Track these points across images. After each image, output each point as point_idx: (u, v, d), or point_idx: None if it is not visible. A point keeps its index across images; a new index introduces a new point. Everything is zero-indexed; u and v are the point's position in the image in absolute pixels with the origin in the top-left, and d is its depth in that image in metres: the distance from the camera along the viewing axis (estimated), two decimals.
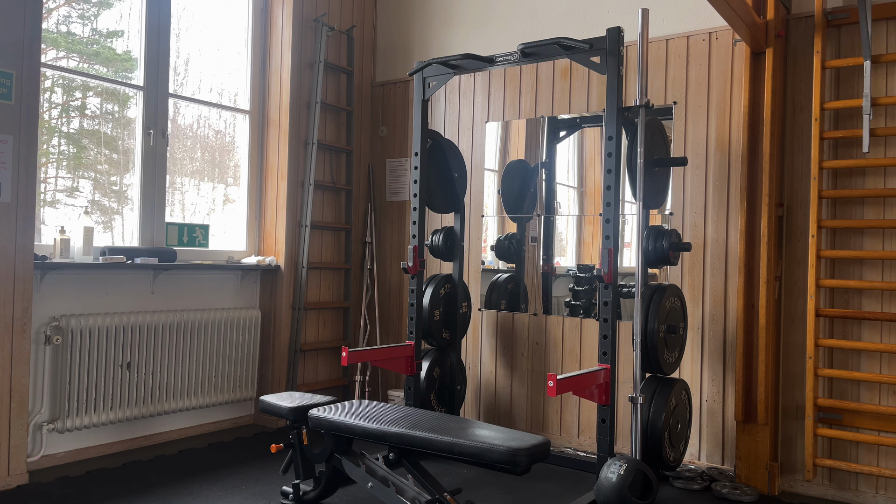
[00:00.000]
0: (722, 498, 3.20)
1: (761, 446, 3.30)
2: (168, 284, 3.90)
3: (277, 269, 4.34)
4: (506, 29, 4.33)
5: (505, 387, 4.23)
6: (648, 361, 3.17)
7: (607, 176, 3.08)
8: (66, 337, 3.38)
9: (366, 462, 2.78)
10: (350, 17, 4.80)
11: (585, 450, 3.88)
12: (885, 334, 3.16)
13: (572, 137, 4.12)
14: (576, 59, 3.21)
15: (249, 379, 4.25)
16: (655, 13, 3.70)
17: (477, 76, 4.40)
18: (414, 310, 3.75)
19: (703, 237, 3.60)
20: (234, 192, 4.46)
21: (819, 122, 3.24)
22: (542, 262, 4.13)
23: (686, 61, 3.67)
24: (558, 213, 4.09)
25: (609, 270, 3.02)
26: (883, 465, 3.14)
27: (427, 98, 3.76)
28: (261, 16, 4.49)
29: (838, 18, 3.26)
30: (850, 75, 3.28)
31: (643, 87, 3.09)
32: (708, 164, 3.61)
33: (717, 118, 3.58)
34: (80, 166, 3.77)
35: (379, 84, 4.93)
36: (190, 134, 4.23)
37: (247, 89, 4.45)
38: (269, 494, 3.11)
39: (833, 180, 3.31)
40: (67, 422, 3.39)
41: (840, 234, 3.29)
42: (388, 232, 4.83)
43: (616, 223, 3.07)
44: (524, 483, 3.36)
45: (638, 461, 2.85)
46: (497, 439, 2.42)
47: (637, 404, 3.05)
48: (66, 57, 3.66)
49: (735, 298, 3.48)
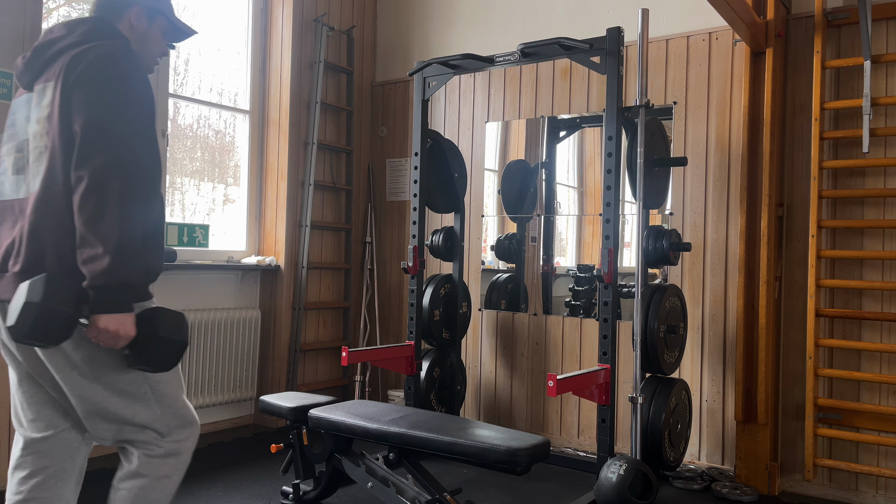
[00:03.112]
0: (722, 498, 3.20)
1: (761, 446, 3.30)
2: (168, 284, 3.90)
3: (277, 269, 4.34)
4: (506, 29, 4.33)
5: (505, 387, 4.23)
6: (648, 361, 3.17)
7: (607, 176, 3.08)
8: None
9: (366, 462, 2.78)
10: (350, 17, 4.80)
11: (585, 450, 3.88)
12: (885, 334, 3.16)
13: (572, 137, 4.12)
14: (576, 59, 3.21)
15: (249, 379, 4.25)
16: (655, 13, 3.70)
17: (477, 76, 4.40)
18: (414, 310, 3.75)
19: (703, 237, 3.60)
20: (234, 192, 4.46)
21: (819, 122, 3.24)
22: (542, 262, 4.14)
23: (686, 61, 3.67)
24: (558, 213, 4.10)
25: (609, 270, 3.02)
26: (883, 465, 3.14)
27: (427, 98, 3.76)
28: (261, 16, 4.49)
29: (838, 18, 3.26)
30: (850, 75, 3.28)
31: (643, 87, 3.09)
32: (708, 164, 3.61)
33: (717, 118, 3.58)
34: None
35: (379, 84, 4.93)
36: (190, 134, 4.23)
37: (247, 89, 4.45)
38: (269, 494, 3.11)
39: (833, 180, 3.31)
40: None
41: (840, 234, 3.29)
42: (388, 232, 4.83)
43: (616, 223, 3.07)
44: (524, 483, 3.36)
45: (638, 461, 2.85)
46: (497, 439, 2.42)
47: (637, 404, 3.05)
48: None
49: (735, 298, 3.48)
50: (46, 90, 1.69)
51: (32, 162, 1.70)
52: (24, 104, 1.76)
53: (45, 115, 1.68)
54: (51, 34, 1.77)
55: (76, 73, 1.63)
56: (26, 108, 1.75)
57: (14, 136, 1.78)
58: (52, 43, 1.74)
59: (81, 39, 1.72)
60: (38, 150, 1.68)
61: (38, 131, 1.69)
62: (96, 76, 1.63)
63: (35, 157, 1.68)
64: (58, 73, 1.67)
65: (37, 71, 1.75)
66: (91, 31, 1.75)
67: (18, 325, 1.52)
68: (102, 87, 1.63)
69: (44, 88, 1.70)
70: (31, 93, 1.76)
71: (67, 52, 1.70)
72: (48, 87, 1.69)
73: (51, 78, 1.69)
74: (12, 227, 1.71)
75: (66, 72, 1.64)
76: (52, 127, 1.65)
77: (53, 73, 1.69)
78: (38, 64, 1.75)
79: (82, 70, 1.63)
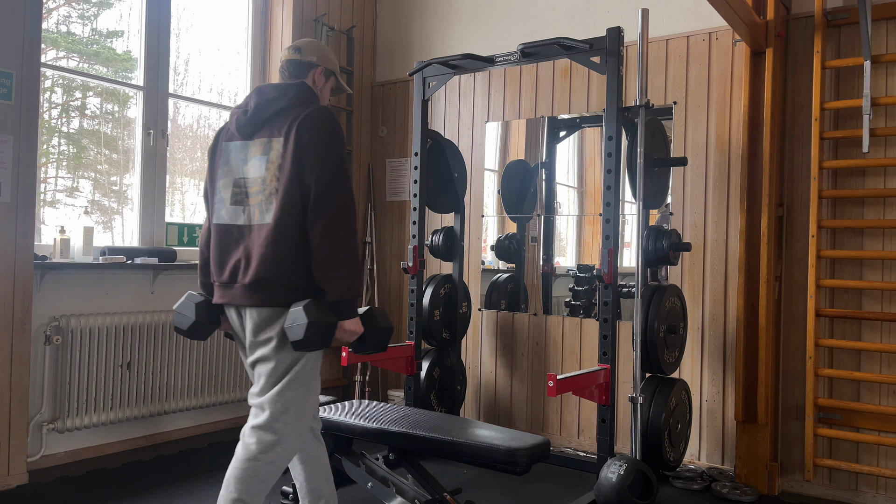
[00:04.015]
0: (722, 498, 3.20)
1: (761, 446, 3.30)
2: (168, 284, 3.90)
3: None
4: (506, 29, 4.33)
5: (505, 387, 4.23)
6: (648, 361, 3.17)
7: (607, 176, 3.08)
8: (67, 337, 3.38)
9: (366, 462, 2.78)
10: (350, 17, 4.80)
11: (585, 450, 3.88)
12: (885, 334, 3.16)
13: (572, 137, 4.12)
14: (576, 59, 3.21)
15: (249, 379, 4.25)
16: (655, 13, 3.70)
17: (477, 76, 4.40)
18: (414, 310, 3.75)
19: (703, 237, 3.60)
20: None
21: (819, 122, 3.24)
22: (542, 262, 4.14)
23: (686, 61, 3.67)
24: (558, 213, 4.10)
25: (609, 270, 3.02)
26: (883, 465, 3.14)
27: (427, 98, 3.76)
28: (261, 16, 4.49)
29: (838, 18, 3.26)
30: (850, 75, 3.28)
31: (643, 87, 3.09)
32: (708, 164, 3.61)
33: (717, 118, 3.58)
34: (80, 166, 3.77)
35: (379, 84, 4.93)
36: (190, 134, 4.23)
37: (247, 89, 4.45)
38: (269, 494, 3.11)
39: (833, 180, 3.31)
40: (67, 422, 3.39)
41: (840, 234, 3.29)
42: (388, 232, 4.83)
43: (616, 223, 3.07)
44: (524, 483, 3.36)
45: (638, 461, 2.85)
46: (497, 439, 2.42)
47: (637, 404, 3.05)
48: (66, 57, 3.66)
49: (735, 298, 3.48)
50: (273, 144, 2.17)
51: (259, 198, 2.17)
52: (241, 149, 2.24)
53: (275, 165, 2.15)
54: (264, 95, 2.23)
55: (305, 139, 2.11)
56: (243, 153, 2.23)
57: (230, 173, 2.25)
58: (269, 103, 2.21)
59: (294, 103, 2.22)
60: (268, 191, 2.15)
61: (266, 177, 2.16)
62: (321, 140, 2.12)
63: (264, 196, 2.16)
64: (283, 132, 2.15)
65: (258, 126, 2.22)
66: (298, 95, 2.24)
67: (306, 340, 2.02)
68: (327, 149, 2.12)
69: (269, 142, 2.18)
70: (247, 141, 2.23)
71: (287, 114, 2.18)
72: (274, 142, 2.17)
73: (275, 135, 2.17)
74: (236, 249, 2.20)
75: (296, 135, 2.12)
76: (284, 175, 2.12)
77: (279, 131, 2.16)
78: (259, 121, 2.21)
79: (309, 138, 2.11)
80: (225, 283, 2.21)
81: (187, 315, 2.31)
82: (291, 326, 2.04)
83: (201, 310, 2.30)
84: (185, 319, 2.31)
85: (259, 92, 2.25)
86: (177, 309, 2.33)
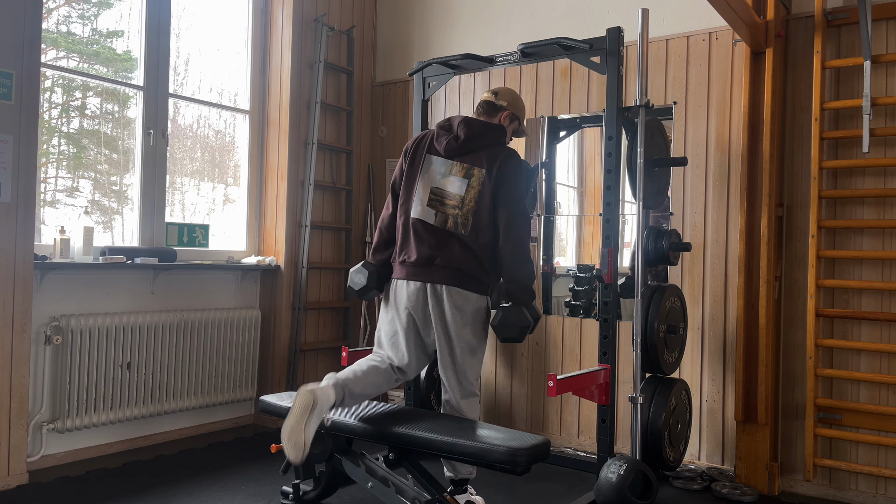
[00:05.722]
0: (722, 498, 3.20)
1: (761, 446, 3.30)
2: (168, 284, 3.90)
3: (277, 269, 4.34)
4: (506, 29, 4.33)
5: (505, 387, 4.23)
6: (648, 361, 3.17)
7: (607, 176, 3.08)
8: (66, 337, 3.38)
9: (366, 462, 2.78)
10: (350, 17, 4.80)
11: (585, 450, 3.88)
12: (884, 334, 3.16)
13: (572, 137, 4.12)
14: (576, 59, 3.21)
15: (249, 379, 4.25)
16: (655, 13, 3.70)
17: (477, 76, 4.40)
18: None
19: (703, 237, 3.60)
20: (234, 192, 4.46)
21: (819, 122, 3.24)
22: (542, 261, 4.13)
23: (686, 61, 3.67)
24: (558, 213, 4.09)
25: (609, 270, 3.02)
26: (883, 465, 3.14)
27: (427, 98, 3.76)
28: (261, 16, 4.49)
29: (838, 18, 3.26)
30: (850, 75, 3.28)
31: (643, 87, 3.09)
32: (708, 164, 3.61)
33: (717, 118, 3.58)
34: (80, 166, 3.77)
35: (379, 84, 4.93)
36: (190, 134, 4.23)
37: (247, 89, 4.45)
38: (269, 494, 3.11)
39: (833, 180, 3.31)
40: (67, 422, 3.39)
41: (840, 234, 3.29)
42: None
43: (616, 223, 3.07)
44: (524, 483, 3.36)
45: (638, 461, 2.85)
46: (497, 439, 2.42)
47: (637, 404, 3.05)
48: (66, 57, 3.66)
49: (735, 298, 3.48)
50: (474, 171, 2.77)
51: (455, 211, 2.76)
52: (443, 164, 2.83)
53: (475, 190, 2.75)
54: (473, 129, 2.83)
55: (504, 175, 2.75)
56: (444, 168, 2.82)
57: (430, 180, 2.82)
58: (477, 137, 2.82)
59: (492, 142, 2.83)
60: (466, 208, 2.75)
61: (465, 197, 2.76)
62: (514, 178, 2.77)
63: (461, 211, 2.75)
64: (485, 165, 2.76)
65: (462, 152, 2.81)
66: (498, 137, 2.87)
67: (520, 337, 2.68)
68: (516, 184, 2.77)
69: (471, 169, 2.78)
70: (449, 160, 2.82)
71: (488, 150, 2.80)
72: (476, 170, 2.77)
73: (477, 164, 2.78)
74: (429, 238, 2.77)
75: (498, 170, 2.75)
76: (483, 200, 2.74)
77: (480, 161, 2.78)
78: (466, 149, 2.81)
79: (506, 175, 2.76)
80: (415, 263, 2.76)
81: (361, 281, 2.89)
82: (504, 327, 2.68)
83: (372, 278, 2.88)
84: (359, 283, 2.89)
85: (468, 125, 2.82)
86: (353, 273, 2.91)
